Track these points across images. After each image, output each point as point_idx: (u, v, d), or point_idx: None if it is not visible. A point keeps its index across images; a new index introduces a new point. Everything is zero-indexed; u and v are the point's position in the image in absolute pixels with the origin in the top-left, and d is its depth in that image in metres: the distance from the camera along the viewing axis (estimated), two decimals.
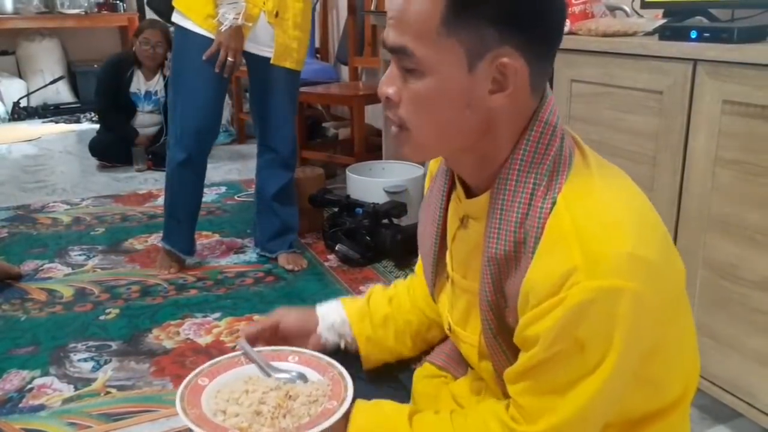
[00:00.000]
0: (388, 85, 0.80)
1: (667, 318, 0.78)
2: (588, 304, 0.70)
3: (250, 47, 2.32)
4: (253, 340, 1.06)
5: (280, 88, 2.42)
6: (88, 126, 5.49)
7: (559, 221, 0.74)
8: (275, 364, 0.99)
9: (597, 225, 0.73)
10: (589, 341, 0.72)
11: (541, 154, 0.79)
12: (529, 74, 0.76)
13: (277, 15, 2.30)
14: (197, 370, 0.95)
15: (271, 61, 2.35)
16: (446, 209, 0.95)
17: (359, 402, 0.90)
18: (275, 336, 1.09)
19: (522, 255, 0.77)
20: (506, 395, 0.88)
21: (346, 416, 0.87)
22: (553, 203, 0.76)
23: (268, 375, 0.96)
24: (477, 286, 0.85)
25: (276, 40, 2.33)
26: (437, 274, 1.00)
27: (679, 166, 1.49)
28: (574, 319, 0.71)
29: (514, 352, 0.83)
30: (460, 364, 1.07)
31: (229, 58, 2.23)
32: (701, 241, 1.46)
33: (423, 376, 1.09)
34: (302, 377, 0.96)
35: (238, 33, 2.23)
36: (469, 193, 0.88)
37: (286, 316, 1.11)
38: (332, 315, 1.11)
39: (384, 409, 0.91)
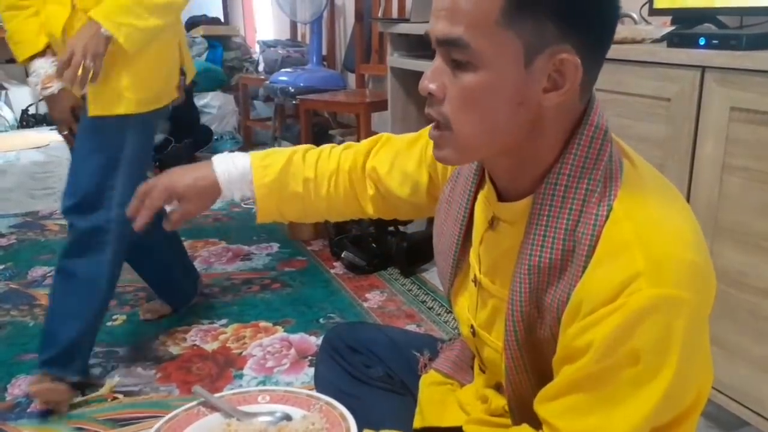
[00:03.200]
0: (432, 80, 0.75)
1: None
2: (648, 311, 0.67)
3: None
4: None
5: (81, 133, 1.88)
6: None
7: (619, 228, 0.71)
8: (245, 408, 0.89)
9: (660, 233, 0.71)
10: (644, 353, 0.68)
11: (593, 159, 0.75)
12: (582, 76, 0.73)
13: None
14: (154, 429, 0.85)
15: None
16: (471, 209, 0.92)
17: None
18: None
19: (569, 264, 0.74)
20: (519, 409, 0.86)
21: None
22: (609, 210, 0.72)
23: (238, 419, 0.87)
24: (506, 293, 0.81)
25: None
26: (455, 274, 0.97)
27: (687, 174, 1.49)
28: (632, 326, 0.68)
29: (534, 365, 0.81)
30: (466, 372, 1.07)
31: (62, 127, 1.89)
32: (708, 249, 1.46)
33: (429, 384, 1.08)
34: (287, 417, 0.88)
35: (52, 100, 1.81)
36: (500, 196, 0.85)
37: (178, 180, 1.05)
38: (237, 191, 1.08)
39: None
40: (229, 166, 1.07)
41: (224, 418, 0.88)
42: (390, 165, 1.07)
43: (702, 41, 1.45)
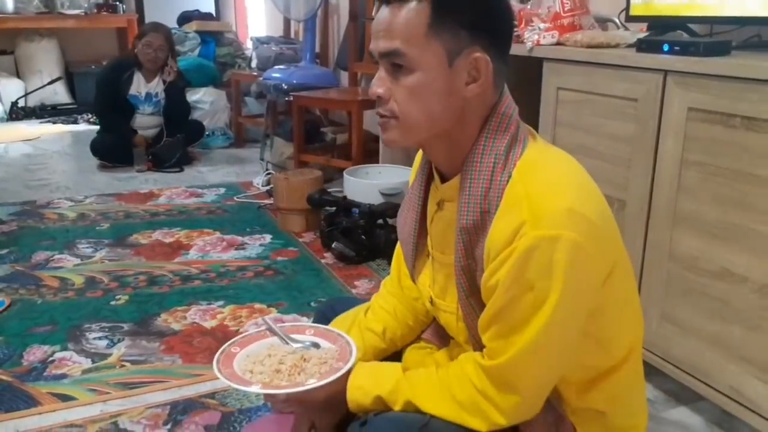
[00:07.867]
0: (379, 86, 0.97)
1: (610, 279, 0.95)
2: (532, 249, 0.87)
3: None
4: None
5: None
6: (85, 127, 5.58)
7: (514, 189, 0.92)
8: (295, 336, 1.18)
9: (542, 187, 0.91)
10: (535, 281, 0.88)
11: (499, 139, 0.97)
12: (492, 70, 0.94)
13: None
14: (230, 342, 1.16)
15: None
16: (425, 198, 1.11)
17: (360, 362, 1.10)
18: None
19: (487, 222, 0.94)
20: (476, 346, 1.03)
21: (349, 372, 1.06)
22: (509, 177, 0.94)
23: (287, 344, 1.16)
24: (453, 258, 1.01)
25: None
26: (416, 256, 1.15)
27: (650, 168, 1.62)
28: (523, 263, 0.88)
29: (481, 307, 0.98)
30: (443, 338, 1.22)
31: None
32: (668, 236, 1.60)
33: (412, 348, 1.25)
34: (315, 345, 1.16)
35: None
36: (444, 180, 1.04)
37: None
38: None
39: (381, 365, 1.12)
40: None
41: (279, 341, 1.16)
42: (398, 270, 1.27)
43: (665, 47, 1.59)
